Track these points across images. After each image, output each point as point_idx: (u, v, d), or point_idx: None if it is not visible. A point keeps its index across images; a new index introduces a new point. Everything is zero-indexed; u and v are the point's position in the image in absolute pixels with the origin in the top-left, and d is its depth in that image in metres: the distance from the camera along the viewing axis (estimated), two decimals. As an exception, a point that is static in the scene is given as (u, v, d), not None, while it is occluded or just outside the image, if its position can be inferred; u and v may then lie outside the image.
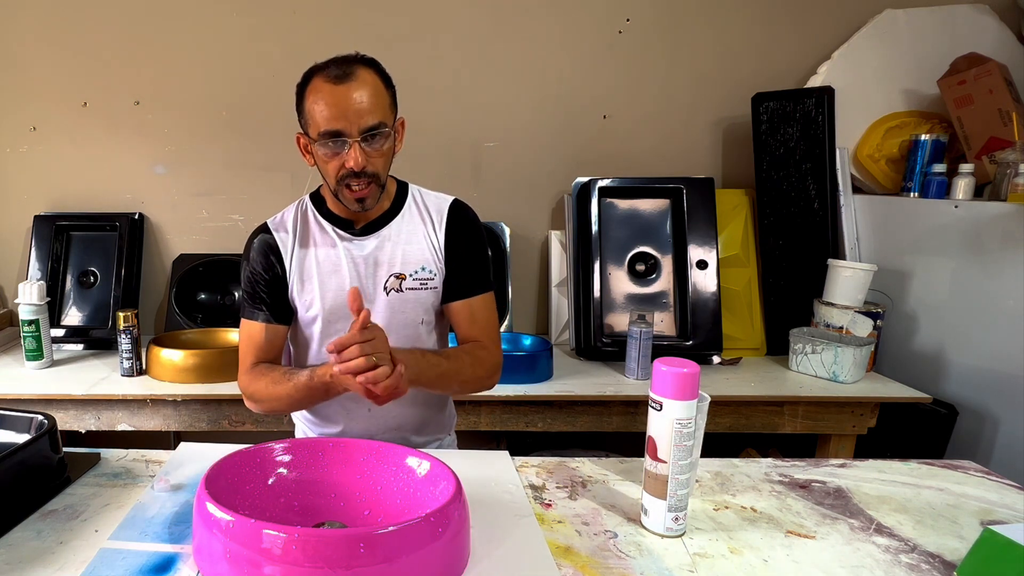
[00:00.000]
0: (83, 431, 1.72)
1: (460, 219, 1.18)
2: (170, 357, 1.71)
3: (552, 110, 2.12)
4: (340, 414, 1.20)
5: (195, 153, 2.13)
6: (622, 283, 1.97)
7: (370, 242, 1.15)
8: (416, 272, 1.14)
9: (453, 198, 1.20)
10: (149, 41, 2.06)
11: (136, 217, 2.12)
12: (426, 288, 1.15)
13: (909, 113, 1.96)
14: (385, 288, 1.14)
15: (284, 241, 1.15)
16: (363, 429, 1.19)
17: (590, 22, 2.07)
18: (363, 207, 1.09)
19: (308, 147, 1.10)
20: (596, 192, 1.96)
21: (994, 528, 0.75)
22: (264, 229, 1.17)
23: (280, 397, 1.11)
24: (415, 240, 1.15)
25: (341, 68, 1.03)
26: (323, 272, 1.14)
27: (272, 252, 1.15)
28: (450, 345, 1.23)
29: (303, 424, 1.27)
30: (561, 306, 2.10)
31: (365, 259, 1.14)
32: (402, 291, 1.14)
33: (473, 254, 1.18)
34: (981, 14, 1.93)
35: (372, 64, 1.06)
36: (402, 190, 1.19)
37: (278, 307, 1.16)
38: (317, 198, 1.19)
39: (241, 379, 1.17)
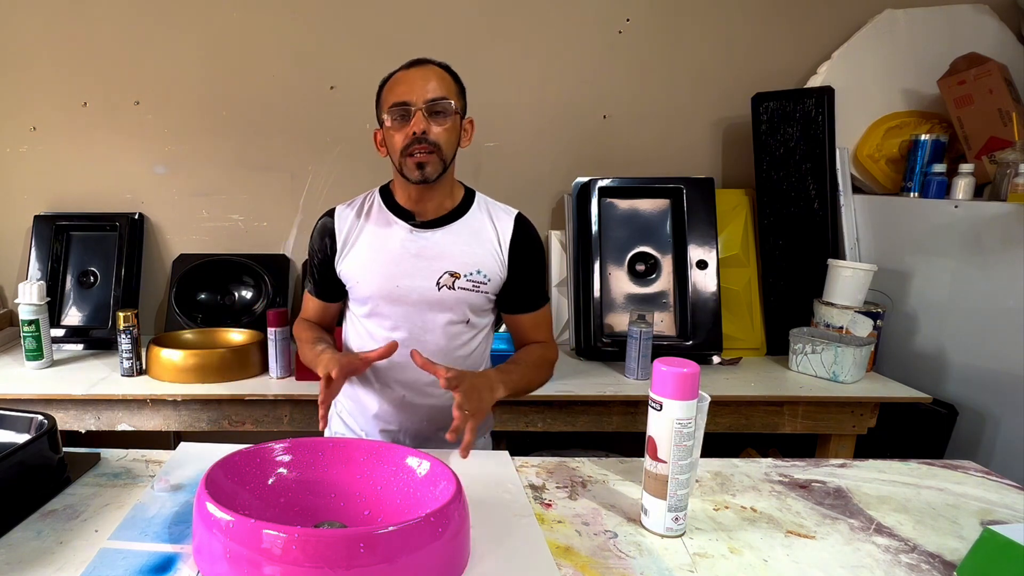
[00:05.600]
0: (83, 431, 1.72)
1: (525, 233, 1.21)
2: (170, 357, 1.71)
3: (552, 110, 2.12)
4: (376, 400, 1.23)
5: (195, 153, 2.13)
6: (622, 283, 1.97)
7: (430, 236, 1.17)
8: (471, 274, 1.17)
9: (518, 211, 1.23)
10: (149, 41, 2.06)
11: (136, 217, 2.12)
12: (478, 291, 1.17)
13: (909, 113, 1.96)
14: (438, 283, 1.16)
15: (341, 226, 1.21)
16: (397, 421, 1.23)
17: (590, 22, 2.06)
18: (423, 175, 1.11)
19: (383, 141, 1.18)
20: (596, 192, 1.96)
21: (994, 528, 0.75)
22: (330, 213, 1.24)
23: (302, 351, 1.25)
24: (477, 243, 1.18)
25: (415, 61, 1.14)
26: (378, 257, 1.17)
27: (328, 235, 1.22)
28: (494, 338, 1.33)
29: (342, 416, 1.30)
30: (561, 306, 2.10)
31: (421, 251, 1.17)
32: (454, 289, 1.16)
33: (539, 269, 1.24)
34: (981, 14, 1.93)
35: (443, 64, 1.16)
36: (469, 195, 1.22)
37: (325, 285, 1.26)
38: (386, 191, 1.23)
39: (295, 324, 1.34)
